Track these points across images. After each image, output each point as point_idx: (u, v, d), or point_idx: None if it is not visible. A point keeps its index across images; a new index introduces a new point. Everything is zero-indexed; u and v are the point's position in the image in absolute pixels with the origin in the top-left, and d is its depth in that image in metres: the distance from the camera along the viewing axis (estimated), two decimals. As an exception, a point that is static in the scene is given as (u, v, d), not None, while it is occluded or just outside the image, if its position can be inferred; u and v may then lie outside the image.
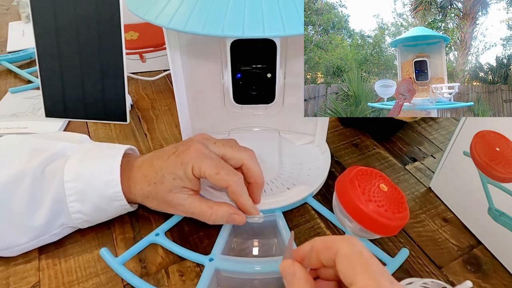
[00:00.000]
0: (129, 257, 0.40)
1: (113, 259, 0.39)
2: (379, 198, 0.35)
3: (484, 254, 0.42)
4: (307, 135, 0.54)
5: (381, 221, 0.34)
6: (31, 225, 0.39)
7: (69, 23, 0.52)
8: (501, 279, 0.40)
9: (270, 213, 0.43)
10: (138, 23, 0.68)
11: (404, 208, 0.36)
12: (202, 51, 0.46)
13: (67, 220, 0.41)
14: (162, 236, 0.42)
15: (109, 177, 0.40)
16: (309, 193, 0.46)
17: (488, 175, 0.40)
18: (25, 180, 0.39)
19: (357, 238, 0.28)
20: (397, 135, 0.59)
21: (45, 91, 0.56)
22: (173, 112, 0.64)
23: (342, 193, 0.37)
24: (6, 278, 0.39)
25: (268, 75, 0.44)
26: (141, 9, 0.35)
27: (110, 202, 0.41)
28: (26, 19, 0.94)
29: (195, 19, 0.32)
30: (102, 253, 0.40)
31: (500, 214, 0.39)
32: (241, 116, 0.54)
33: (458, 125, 0.43)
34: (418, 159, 0.55)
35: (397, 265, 0.40)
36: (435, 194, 0.49)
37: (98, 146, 0.45)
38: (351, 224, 0.37)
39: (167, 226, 0.43)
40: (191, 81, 0.47)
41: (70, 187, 0.39)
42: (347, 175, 0.37)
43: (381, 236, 0.37)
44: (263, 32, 0.31)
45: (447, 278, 0.40)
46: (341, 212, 0.37)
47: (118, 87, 0.55)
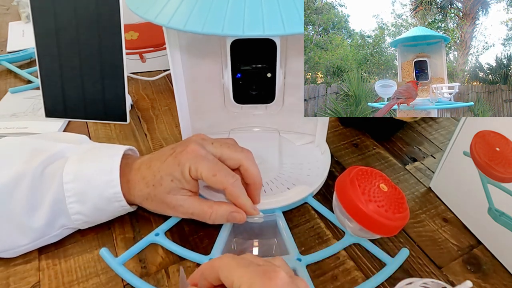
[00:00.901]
0: (129, 257, 0.40)
1: (113, 259, 0.39)
2: (379, 198, 0.35)
3: (484, 254, 0.42)
4: (307, 135, 0.54)
5: (381, 221, 0.34)
6: (31, 225, 0.39)
7: (69, 23, 0.52)
8: (501, 279, 0.40)
9: (270, 213, 0.43)
10: (138, 23, 0.68)
11: (404, 208, 0.36)
12: (202, 50, 0.46)
13: (67, 221, 0.41)
14: (162, 236, 0.42)
15: (109, 177, 0.40)
16: (309, 193, 0.46)
17: (488, 175, 0.40)
18: (25, 181, 0.39)
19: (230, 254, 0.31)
20: (397, 135, 0.59)
21: (45, 91, 0.56)
22: (173, 112, 0.64)
23: (342, 193, 0.37)
24: (6, 278, 0.39)
25: (268, 74, 0.44)
26: (141, 8, 0.35)
27: (109, 202, 0.41)
28: (26, 19, 0.94)
29: (195, 18, 0.32)
30: (102, 253, 0.40)
31: (500, 214, 0.39)
32: (241, 116, 0.54)
33: (458, 125, 0.43)
34: (418, 159, 0.55)
35: (397, 265, 0.40)
36: (435, 194, 0.49)
37: (97, 146, 0.45)
38: (351, 224, 0.37)
39: (167, 226, 0.43)
40: (191, 81, 0.47)
41: (70, 188, 0.39)
42: (347, 175, 0.37)
43: (381, 236, 0.37)
44: (263, 31, 0.31)
45: (447, 278, 0.40)
46: (341, 212, 0.37)
47: (118, 87, 0.55)
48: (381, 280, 0.39)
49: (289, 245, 0.41)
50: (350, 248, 0.42)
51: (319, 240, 0.43)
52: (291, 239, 0.42)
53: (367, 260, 0.41)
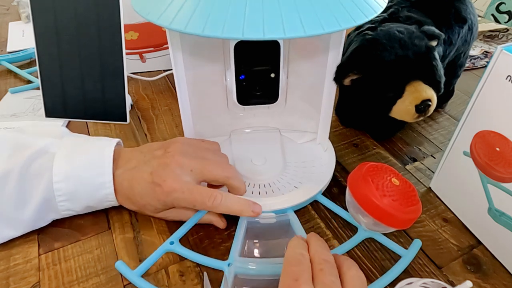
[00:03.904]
0: (146, 269, 0.39)
1: (130, 272, 0.39)
2: (392, 192, 0.36)
3: (484, 254, 0.42)
4: (308, 132, 0.54)
5: (396, 214, 0.35)
6: (20, 220, 0.40)
7: (69, 23, 0.52)
8: (501, 279, 0.40)
9: (282, 213, 0.43)
10: (138, 23, 0.68)
11: (416, 200, 0.37)
12: (205, 52, 0.46)
13: (57, 215, 0.42)
14: (177, 244, 0.41)
15: (101, 180, 0.40)
16: (318, 191, 0.46)
17: (488, 175, 0.40)
18: (12, 178, 0.39)
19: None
20: (397, 135, 0.59)
21: (45, 91, 0.56)
22: (173, 112, 0.64)
23: (356, 189, 0.37)
24: (6, 278, 0.39)
25: (272, 75, 0.44)
26: (145, 10, 0.35)
27: (101, 202, 0.42)
28: (26, 19, 0.94)
29: (196, 20, 0.32)
30: (118, 266, 0.39)
31: (500, 214, 0.39)
32: (243, 117, 0.54)
33: (458, 125, 0.43)
34: (418, 159, 0.55)
35: (412, 257, 0.40)
36: (435, 194, 0.49)
37: (83, 140, 0.44)
38: (365, 220, 0.38)
39: (180, 233, 0.42)
40: (194, 82, 0.47)
41: (60, 188, 0.40)
42: (359, 171, 0.38)
43: (395, 229, 0.38)
44: (263, 35, 0.31)
45: (447, 278, 0.40)
46: (355, 208, 0.38)
47: (118, 87, 0.55)
48: (397, 273, 0.39)
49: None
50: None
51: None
52: (304, 234, 0.41)
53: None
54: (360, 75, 0.45)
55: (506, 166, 0.38)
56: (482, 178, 0.41)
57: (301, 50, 0.48)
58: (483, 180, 0.41)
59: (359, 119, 0.60)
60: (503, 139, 0.38)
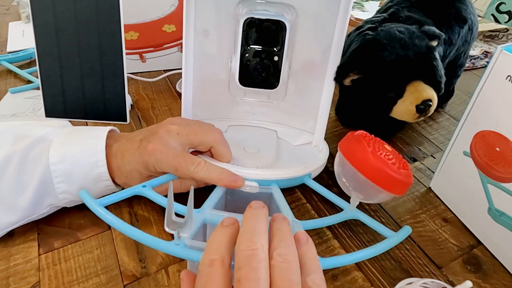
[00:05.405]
0: (111, 202, 0.40)
1: (92, 201, 0.38)
2: (386, 153, 0.36)
3: (484, 254, 0.42)
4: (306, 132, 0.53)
5: (391, 174, 0.35)
6: (19, 205, 0.40)
7: (69, 23, 0.52)
8: (501, 279, 0.40)
9: (266, 186, 0.43)
10: (138, 23, 0.68)
11: (408, 167, 0.37)
12: (215, 31, 0.47)
13: (54, 200, 0.42)
14: (149, 188, 0.41)
15: (95, 159, 0.41)
16: (307, 172, 0.46)
17: (488, 175, 0.40)
18: (12, 163, 0.40)
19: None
20: (397, 135, 0.59)
21: (45, 91, 0.56)
22: (173, 112, 0.64)
23: (349, 150, 0.38)
24: (6, 278, 0.39)
25: (275, 58, 0.44)
26: None
27: (95, 182, 0.42)
28: (26, 19, 0.94)
29: None
30: (81, 194, 0.39)
31: (500, 214, 0.39)
32: (242, 104, 0.54)
33: (458, 125, 0.43)
34: (418, 159, 0.55)
35: (399, 240, 0.38)
36: (435, 194, 0.49)
37: (80, 128, 0.46)
38: (357, 190, 0.38)
39: (157, 182, 0.42)
40: (200, 64, 0.48)
41: (56, 169, 0.40)
42: (351, 135, 0.38)
43: (388, 197, 0.37)
44: None
45: (447, 278, 0.40)
46: (347, 175, 0.38)
47: (118, 87, 0.55)
48: (380, 250, 0.37)
49: (286, 212, 0.40)
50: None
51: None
52: (287, 206, 0.40)
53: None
54: (360, 75, 0.45)
55: (506, 166, 0.38)
56: (482, 178, 0.41)
57: (307, 37, 0.47)
58: (483, 180, 0.41)
59: (359, 119, 0.59)
60: (503, 139, 0.38)
